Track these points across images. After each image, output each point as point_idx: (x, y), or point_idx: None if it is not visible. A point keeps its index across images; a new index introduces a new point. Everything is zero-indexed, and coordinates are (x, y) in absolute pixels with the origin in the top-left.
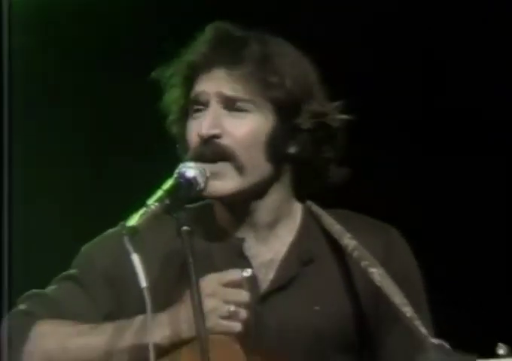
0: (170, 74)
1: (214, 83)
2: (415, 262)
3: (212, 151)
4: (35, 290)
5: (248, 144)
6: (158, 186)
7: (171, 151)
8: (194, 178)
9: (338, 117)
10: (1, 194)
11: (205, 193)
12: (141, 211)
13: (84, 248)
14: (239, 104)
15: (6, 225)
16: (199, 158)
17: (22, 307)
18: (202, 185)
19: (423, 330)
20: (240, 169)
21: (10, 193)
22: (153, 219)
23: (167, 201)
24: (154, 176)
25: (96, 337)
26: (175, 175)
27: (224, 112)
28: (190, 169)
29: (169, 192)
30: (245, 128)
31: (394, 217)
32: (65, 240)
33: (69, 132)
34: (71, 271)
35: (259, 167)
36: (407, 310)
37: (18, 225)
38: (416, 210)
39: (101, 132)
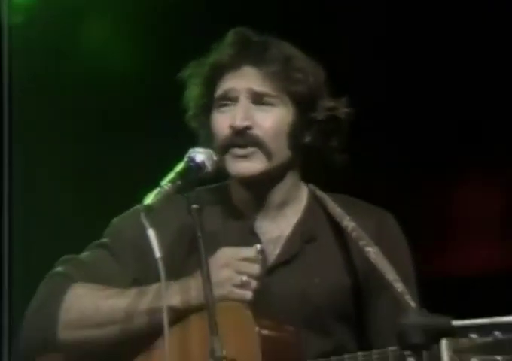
0: (189, 74)
1: (245, 80)
2: (405, 242)
3: (245, 140)
4: (71, 255)
5: (274, 133)
6: (170, 168)
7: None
8: (203, 162)
9: (345, 110)
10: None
11: (234, 173)
12: (156, 191)
13: (115, 220)
14: (266, 99)
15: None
16: (233, 145)
17: (59, 269)
18: (209, 168)
19: (412, 304)
20: (267, 154)
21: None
22: (167, 198)
23: (179, 182)
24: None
25: (122, 300)
26: (186, 159)
27: (253, 106)
28: (199, 154)
29: (181, 175)
30: (272, 120)
31: (390, 203)
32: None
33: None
34: (103, 240)
35: (282, 153)
36: (399, 286)
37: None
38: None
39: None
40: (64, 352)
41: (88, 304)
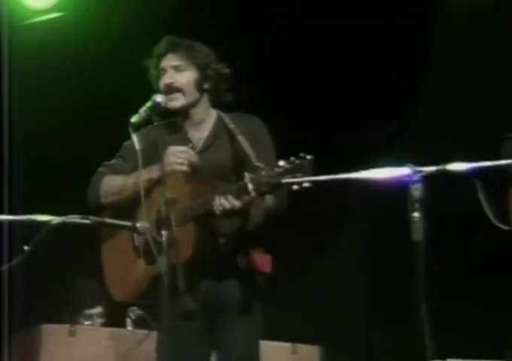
0: (148, 61)
1: (169, 61)
2: (268, 135)
3: (172, 88)
4: (106, 162)
5: (186, 84)
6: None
7: None
8: (160, 101)
9: (226, 70)
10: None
11: (170, 107)
12: (136, 115)
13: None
14: (180, 67)
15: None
16: (166, 92)
17: (100, 169)
18: (163, 104)
19: (269, 172)
20: (185, 94)
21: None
22: (143, 119)
23: (148, 112)
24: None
25: (129, 178)
26: (152, 99)
27: (174, 72)
28: (158, 97)
29: (150, 107)
30: (184, 77)
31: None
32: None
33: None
34: (120, 152)
35: (192, 94)
36: (260, 164)
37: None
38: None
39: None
40: (105, 206)
41: (113, 184)
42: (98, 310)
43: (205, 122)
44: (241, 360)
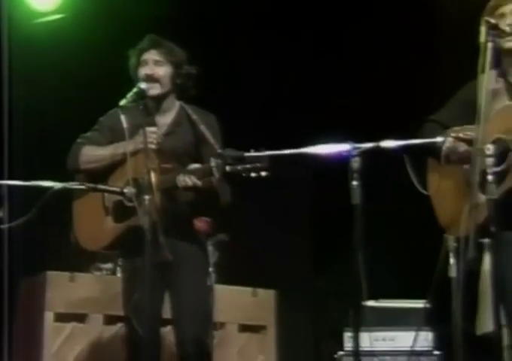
0: (131, 52)
1: (151, 55)
2: (217, 125)
3: (151, 79)
4: (84, 134)
5: (163, 76)
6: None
7: None
8: (144, 87)
9: (194, 71)
10: None
11: (149, 95)
12: (124, 100)
13: (100, 118)
14: (159, 62)
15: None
16: (147, 81)
17: (79, 140)
18: (146, 90)
19: (219, 150)
20: (161, 85)
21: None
22: (129, 103)
23: (134, 97)
24: None
25: (106, 149)
26: (137, 86)
27: (154, 66)
28: (142, 84)
29: (135, 93)
30: (162, 71)
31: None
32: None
33: None
34: (96, 126)
35: (167, 85)
36: (217, 147)
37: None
38: None
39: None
40: (83, 172)
41: (91, 153)
42: (109, 265)
43: (170, 110)
44: (188, 294)
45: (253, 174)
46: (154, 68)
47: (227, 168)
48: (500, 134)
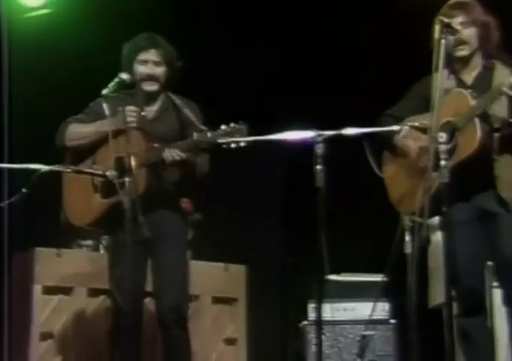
0: (127, 47)
1: (151, 55)
2: (199, 112)
3: (152, 78)
4: (74, 116)
5: (161, 75)
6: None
7: None
8: (124, 78)
9: (180, 63)
10: None
11: (146, 90)
12: (106, 89)
13: (90, 104)
14: (157, 63)
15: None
16: (147, 80)
17: (68, 120)
18: (127, 81)
19: (202, 127)
20: (158, 83)
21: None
22: (111, 92)
23: (115, 86)
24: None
25: (91, 127)
26: (118, 76)
27: (154, 66)
28: (123, 74)
29: (117, 83)
30: (161, 70)
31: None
32: None
33: None
34: (85, 110)
35: (162, 82)
36: (202, 127)
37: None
38: None
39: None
40: (69, 150)
41: (76, 130)
42: (89, 242)
43: (157, 99)
44: (170, 269)
45: (233, 145)
46: (154, 68)
47: (209, 135)
48: (449, 117)
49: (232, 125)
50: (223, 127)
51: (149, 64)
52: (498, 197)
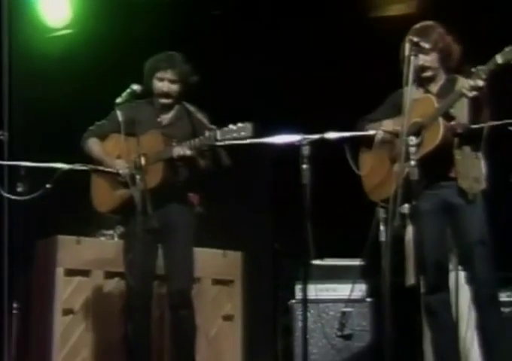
0: (149, 64)
1: (168, 75)
2: (204, 118)
3: (168, 96)
4: (98, 122)
5: (175, 91)
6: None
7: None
8: (136, 88)
9: (195, 78)
10: None
11: (161, 103)
12: (119, 98)
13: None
14: (173, 80)
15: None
16: (163, 97)
17: (91, 128)
18: (138, 91)
19: (210, 126)
20: (173, 98)
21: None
22: (123, 101)
23: (128, 96)
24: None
25: (99, 154)
26: (130, 87)
27: (169, 84)
28: (135, 86)
29: (128, 93)
30: (176, 88)
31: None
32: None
33: None
34: (108, 117)
35: (177, 97)
36: (213, 126)
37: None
38: None
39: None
40: (86, 153)
41: (90, 148)
42: (110, 232)
43: (172, 107)
44: (179, 255)
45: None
46: (170, 85)
47: (218, 134)
48: (417, 118)
49: (238, 124)
50: (230, 126)
51: (165, 81)
52: (459, 189)
